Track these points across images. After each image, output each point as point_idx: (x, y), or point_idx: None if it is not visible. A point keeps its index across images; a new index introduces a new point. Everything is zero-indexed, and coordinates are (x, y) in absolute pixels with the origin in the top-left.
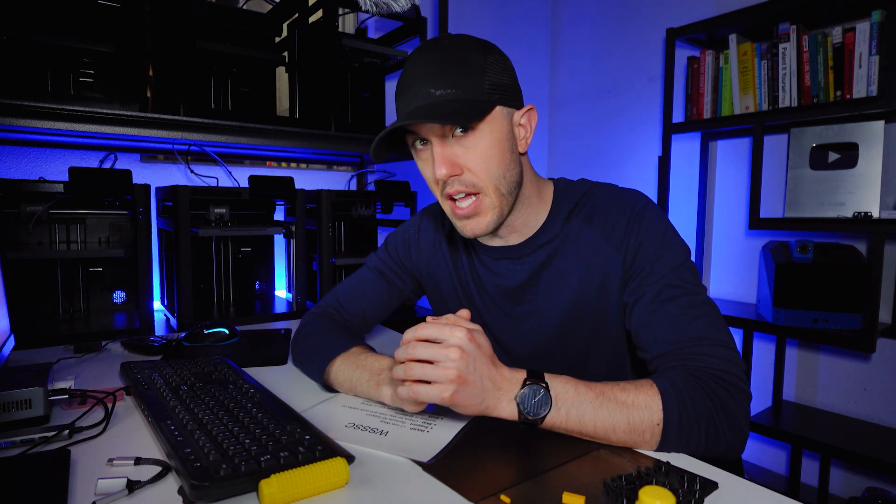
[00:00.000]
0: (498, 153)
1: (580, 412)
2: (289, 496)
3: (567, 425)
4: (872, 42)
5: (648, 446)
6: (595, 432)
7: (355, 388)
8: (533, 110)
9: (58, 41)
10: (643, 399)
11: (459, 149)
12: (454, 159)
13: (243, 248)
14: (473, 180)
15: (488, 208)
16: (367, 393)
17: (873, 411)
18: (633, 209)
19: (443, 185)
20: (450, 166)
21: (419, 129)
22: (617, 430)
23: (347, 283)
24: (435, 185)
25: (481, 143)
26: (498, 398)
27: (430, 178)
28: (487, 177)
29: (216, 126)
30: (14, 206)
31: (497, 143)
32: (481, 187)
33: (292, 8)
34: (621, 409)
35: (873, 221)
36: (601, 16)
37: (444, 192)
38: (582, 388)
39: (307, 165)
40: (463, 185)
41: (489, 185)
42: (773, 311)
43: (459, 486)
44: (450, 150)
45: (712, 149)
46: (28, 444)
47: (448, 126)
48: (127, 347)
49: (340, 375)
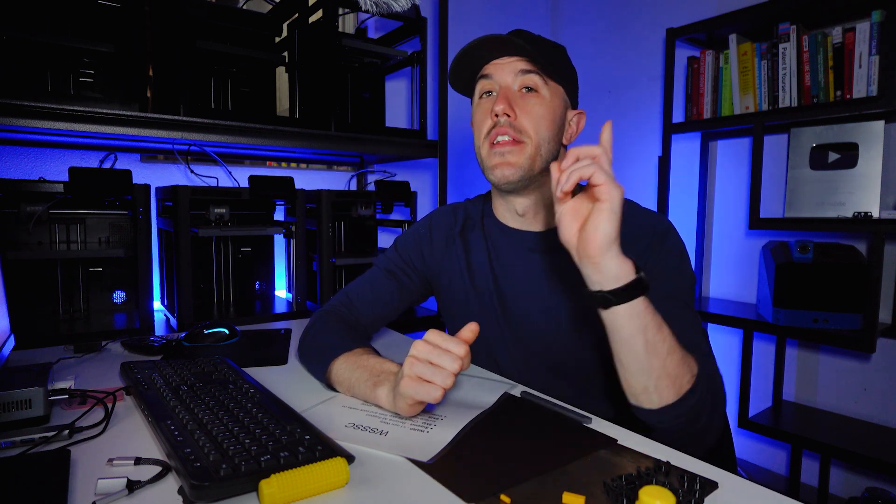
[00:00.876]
0: (549, 121)
1: (661, 321)
2: (289, 496)
3: (651, 319)
4: (872, 42)
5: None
6: (663, 342)
7: (353, 388)
8: (584, 115)
9: (58, 41)
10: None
11: (521, 101)
12: (514, 104)
13: (243, 248)
14: (521, 127)
15: (524, 155)
16: (363, 394)
17: (873, 411)
18: (658, 228)
19: (491, 125)
20: (507, 104)
21: (493, 70)
22: (674, 356)
23: (358, 282)
24: (484, 126)
25: (540, 105)
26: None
27: (482, 121)
28: (535, 131)
29: (216, 126)
30: (14, 206)
31: (551, 113)
32: (526, 137)
33: (292, 8)
34: (680, 348)
35: (873, 221)
36: (601, 16)
37: (490, 131)
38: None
39: (307, 165)
40: (512, 128)
41: (533, 139)
42: (773, 311)
43: (459, 485)
44: (513, 96)
45: (712, 149)
46: (28, 444)
47: (520, 78)
48: (127, 347)
49: (340, 374)
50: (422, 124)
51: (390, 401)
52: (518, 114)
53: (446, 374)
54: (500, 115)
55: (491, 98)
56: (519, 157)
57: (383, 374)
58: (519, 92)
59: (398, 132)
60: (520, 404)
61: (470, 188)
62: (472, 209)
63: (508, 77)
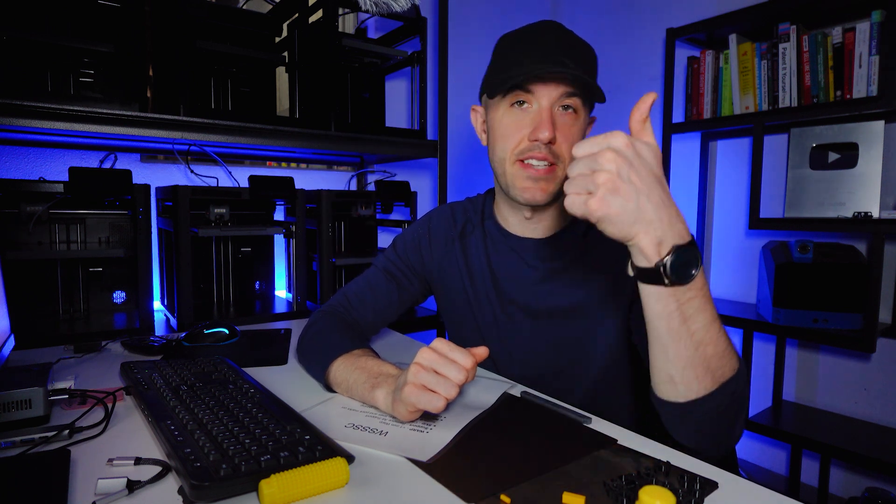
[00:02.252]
0: (581, 138)
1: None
2: (289, 496)
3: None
4: (872, 42)
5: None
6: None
7: (351, 389)
8: (594, 120)
9: (58, 41)
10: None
11: (560, 122)
12: (555, 128)
13: (243, 248)
14: (559, 152)
15: (556, 180)
16: (361, 395)
17: (873, 411)
18: None
19: (527, 147)
20: (552, 131)
21: (539, 86)
22: (719, 343)
23: (357, 283)
24: (516, 142)
25: (576, 125)
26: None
27: (513, 135)
28: (569, 153)
29: (216, 126)
30: (14, 206)
31: (581, 131)
32: (561, 161)
33: (292, 8)
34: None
35: (873, 221)
36: (601, 16)
37: (524, 152)
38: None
39: (307, 165)
40: (550, 153)
41: (566, 161)
42: (773, 311)
43: (459, 485)
44: (555, 119)
45: (712, 149)
46: (28, 444)
47: (568, 94)
48: (127, 347)
49: (339, 375)
50: (422, 124)
51: (388, 404)
52: (557, 137)
53: (451, 385)
54: (544, 142)
55: (526, 112)
56: (551, 183)
57: (381, 376)
58: (558, 110)
59: (398, 132)
60: (520, 404)
61: (470, 188)
62: (471, 210)
63: (553, 95)
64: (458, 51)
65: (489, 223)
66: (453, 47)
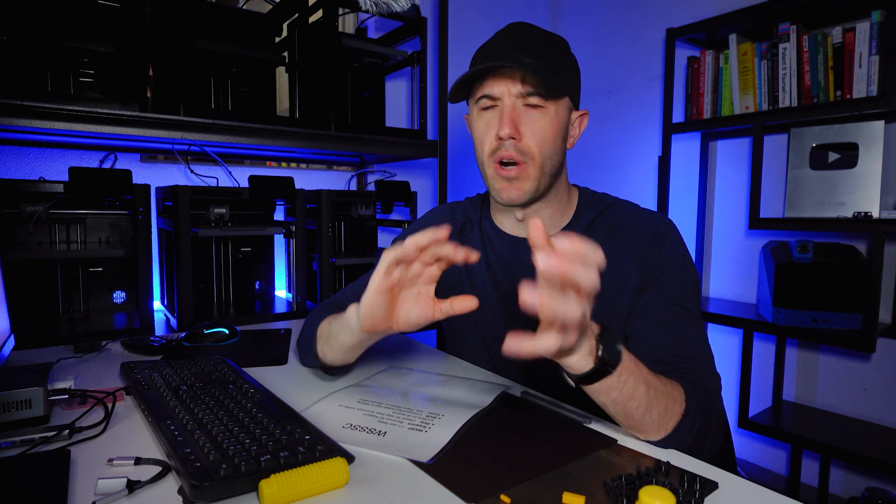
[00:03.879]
0: (553, 136)
1: (635, 385)
2: (289, 496)
3: (619, 394)
4: (872, 42)
5: (661, 434)
6: (636, 409)
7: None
8: (586, 115)
9: (58, 41)
10: (675, 390)
11: (525, 118)
12: (519, 124)
13: (243, 248)
14: (526, 149)
15: (530, 178)
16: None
17: (873, 411)
18: (658, 228)
19: (495, 146)
20: (514, 128)
21: (496, 84)
22: (653, 412)
23: (355, 284)
24: (487, 144)
25: (544, 120)
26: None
27: (484, 137)
28: (539, 151)
29: (216, 126)
30: (14, 206)
31: (556, 127)
32: (530, 158)
33: (292, 8)
34: (663, 396)
35: (873, 221)
36: (601, 16)
37: (494, 153)
38: (640, 365)
39: (307, 165)
40: (516, 151)
41: (537, 159)
42: (773, 311)
43: (459, 485)
44: (517, 115)
45: (712, 149)
46: (28, 444)
47: (525, 90)
48: (127, 347)
49: (323, 330)
50: (422, 124)
51: (354, 308)
52: (523, 133)
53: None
54: (505, 139)
55: (493, 112)
56: (525, 181)
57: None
58: (523, 107)
59: (398, 132)
60: (520, 404)
61: (470, 188)
62: (470, 210)
63: (512, 91)
64: (458, 51)
65: (486, 224)
66: (453, 47)
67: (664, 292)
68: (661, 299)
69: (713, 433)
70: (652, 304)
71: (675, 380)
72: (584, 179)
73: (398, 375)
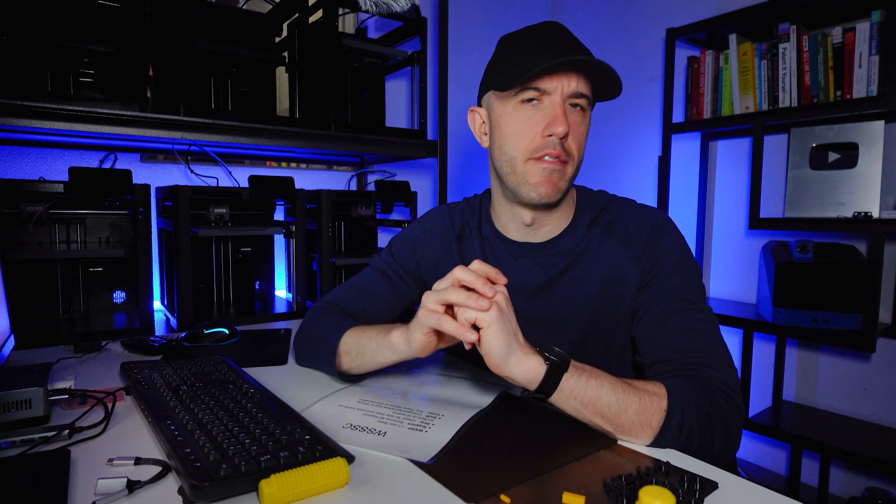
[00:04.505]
0: (586, 139)
1: (598, 384)
2: (289, 496)
3: (585, 394)
4: (872, 42)
5: (649, 433)
6: (608, 407)
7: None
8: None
9: (58, 41)
10: (652, 387)
11: (571, 118)
12: (569, 124)
13: (243, 248)
14: (571, 150)
15: (566, 178)
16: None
17: (873, 411)
18: (655, 223)
19: (539, 143)
20: (567, 127)
21: (551, 80)
22: (629, 409)
23: (351, 282)
24: (528, 140)
25: (584, 123)
26: (525, 351)
27: (524, 132)
28: (578, 152)
29: (216, 126)
30: (14, 206)
31: (587, 130)
32: (571, 159)
33: (292, 8)
34: (634, 392)
35: (873, 221)
36: (601, 16)
37: (537, 150)
38: (597, 370)
39: (307, 165)
40: (564, 150)
41: (575, 159)
42: (773, 311)
43: (459, 485)
44: (567, 115)
45: (712, 149)
46: (28, 444)
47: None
48: (127, 347)
49: (349, 342)
50: (422, 124)
51: (403, 336)
52: (570, 134)
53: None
54: (559, 136)
55: (538, 109)
56: (563, 179)
57: (394, 327)
58: (569, 108)
59: (398, 132)
60: (520, 404)
61: (470, 188)
62: (468, 212)
63: (567, 90)
64: (458, 51)
65: (486, 227)
66: (453, 47)
67: (665, 288)
68: (663, 295)
69: (725, 431)
70: (654, 301)
71: (661, 379)
72: (584, 180)
73: (398, 375)
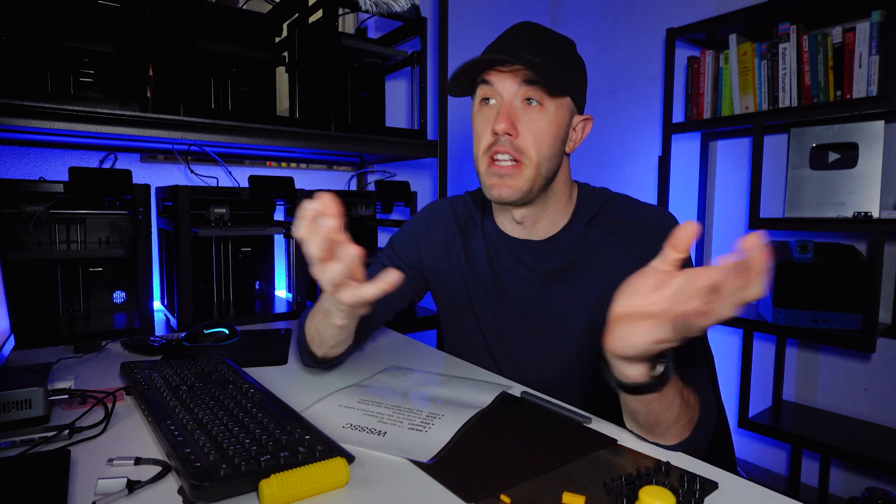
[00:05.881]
0: (552, 137)
1: (674, 395)
2: (289, 496)
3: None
4: (872, 42)
5: (675, 440)
6: (668, 419)
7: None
8: (590, 120)
9: (58, 41)
10: (693, 398)
11: (523, 115)
12: (515, 121)
13: (243, 248)
14: (522, 147)
15: (523, 178)
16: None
17: (873, 411)
18: (660, 222)
19: (490, 141)
20: (510, 124)
21: (496, 79)
22: (680, 420)
23: None
24: (483, 139)
25: (543, 120)
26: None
27: (481, 132)
28: (535, 151)
29: (216, 126)
30: (14, 206)
31: (555, 128)
32: (526, 157)
33: (292, 8)
34: (689, 405)
35: (873, 221)
36: (601, 16)
37: (489, 148)
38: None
39: (307, 165)
40: (512, 147)
41: (533, 159)
42: (773, 310)
43: (459, 485)
44: (515, 112)
45: (712, 149)
46: (28, 444)
47: (525, 86)
48: (127, 347)
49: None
50: (422, 124)
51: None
52: (520, 131)
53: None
54: (500, 134)
55: (491, 107)
56: (518, 179)
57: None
58: (522, 104)
59: (398, 132)
60: (520, 404)
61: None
62: (471, 206)
63: (512, 87)
64: (458, 51)
65: (489, 223)
66: (453, 47)
67: None
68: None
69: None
70: None
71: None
72: (583, 179)
73: (398, 375)
